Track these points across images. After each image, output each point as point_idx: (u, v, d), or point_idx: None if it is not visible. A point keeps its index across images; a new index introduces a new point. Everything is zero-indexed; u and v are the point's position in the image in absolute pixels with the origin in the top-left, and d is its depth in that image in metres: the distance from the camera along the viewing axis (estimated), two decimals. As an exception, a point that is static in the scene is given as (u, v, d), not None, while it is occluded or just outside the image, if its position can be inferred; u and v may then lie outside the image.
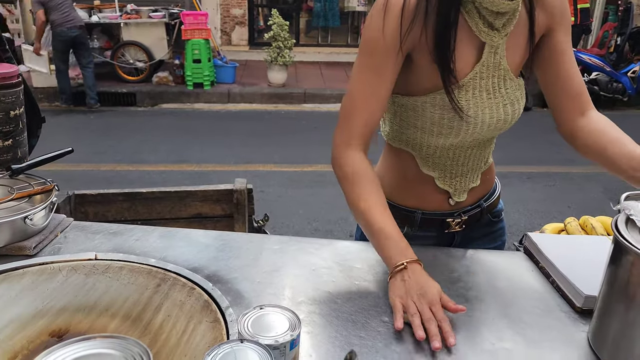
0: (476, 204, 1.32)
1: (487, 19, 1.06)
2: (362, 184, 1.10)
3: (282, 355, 0.76)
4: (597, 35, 9.52)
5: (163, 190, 1.86)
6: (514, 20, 1.08)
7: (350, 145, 1.12)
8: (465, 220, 1.31)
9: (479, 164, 1.28)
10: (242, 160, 5.51)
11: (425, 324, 0.94)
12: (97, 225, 1.31)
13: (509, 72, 1.13)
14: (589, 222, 1.62)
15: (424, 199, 1.29)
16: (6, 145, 1.38)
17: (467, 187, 1.28)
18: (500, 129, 1.19)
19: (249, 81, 8.58)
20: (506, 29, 1.08)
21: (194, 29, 7.74)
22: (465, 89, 1.11)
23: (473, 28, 1.07)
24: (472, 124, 1.13)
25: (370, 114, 1.11)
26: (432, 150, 1.22)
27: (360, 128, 1.12)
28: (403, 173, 1.28)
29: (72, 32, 6.96)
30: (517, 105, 1.17)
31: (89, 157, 5.36)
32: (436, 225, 1.30)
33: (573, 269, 1.11)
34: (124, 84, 8.13)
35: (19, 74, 1.40)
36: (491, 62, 1.11)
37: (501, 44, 1.10)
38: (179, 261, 1.14)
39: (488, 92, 1.13)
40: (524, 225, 4.19)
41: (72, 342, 0.66)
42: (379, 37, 1.06)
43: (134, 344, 0.65)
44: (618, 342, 0.88)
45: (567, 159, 5.93)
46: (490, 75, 1.12)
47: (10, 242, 1.14)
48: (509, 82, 1.14)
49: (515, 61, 1.14)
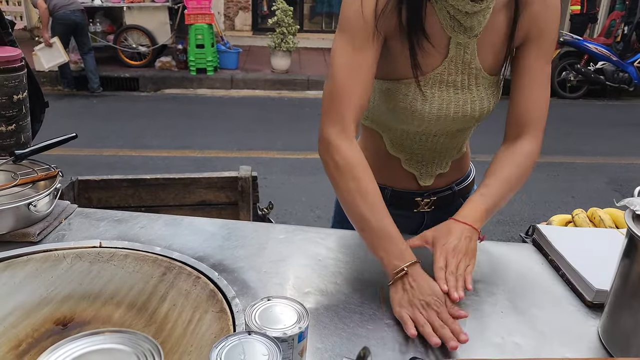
0: (447, 187, 1.34)
1: (455, 17, 1.06)
2: (356, 177, 1.04)
3: (290, 347, 0.75)
4: (604, 24, 9.43)
5: (167, 177, 1.84)
6: (484, 22, 1.07)
7: (341, 131, 1.06)
8: (434, 201, 1.32)
9: (449, 152, 1.29)
10: (245, 147, 5.49)
11: (437, 332, 0.91)
12: (102, 212, 1.30)
13: (481, 71, 1.13)
14: (597, 214, 1.60)
15: (393, 178, 1.31)
16: (9, 130, 1.37)
17: (434, 173, 1.30)
18: (469, 124, 1.20)
19: (252, 67, 8.53)
20: (475, 30, 1.07)
21: (197, 14, 7.68)
22: (432, 82, 1.12)
23: (442, 22, 1.07)
24: (434, 116, 1.14)
25: (357, 96, 1.07)
26: (399, 133, 1.23)
27: (350, 111, 1.06)
28: (373, 151, 1.29)
29: (74, 15, 6.89)
30: (487, 102, 1.17)
31: (92, 141, 5.35)
32: (405, 203, 1.32)
33: (584, 263, 1.10)
34: (127, 69, 8.09)
35: (22, 58, 1.38)
36: (460, 60, 1.11)
37: (471, 43, 1.10)
38: (184, 249, 1.13)
39: (456, 88, 1.13)
40: (528, 215, 4.18)
41: (81, 336, 0.65)
42: (359, 18, 1.04)
43: (144, 340, 0.64)
44: (629, 338, 0.87)
45: (571, 149, 5.91)
46: (459, 72, 1.12)
47: (14, 228, 1.13)
48: (482, 80, 1.14)
49: (489, 62, 1.14)
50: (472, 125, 1.23)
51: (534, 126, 1.16)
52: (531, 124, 1.16)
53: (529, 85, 1.15)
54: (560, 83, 8.20)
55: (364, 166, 1.06)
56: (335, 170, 1.06)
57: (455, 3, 1.03)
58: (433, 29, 1.07)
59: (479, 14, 1.06)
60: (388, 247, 1.00)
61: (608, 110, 7.83)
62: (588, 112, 7.69)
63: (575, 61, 8.09)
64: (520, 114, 1.16)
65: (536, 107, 1.15)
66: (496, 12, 1.09)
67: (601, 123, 7.11)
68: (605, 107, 7.97)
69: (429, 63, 1.10)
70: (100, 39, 8.16)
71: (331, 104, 1.07)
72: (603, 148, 5.93)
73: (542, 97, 1.15)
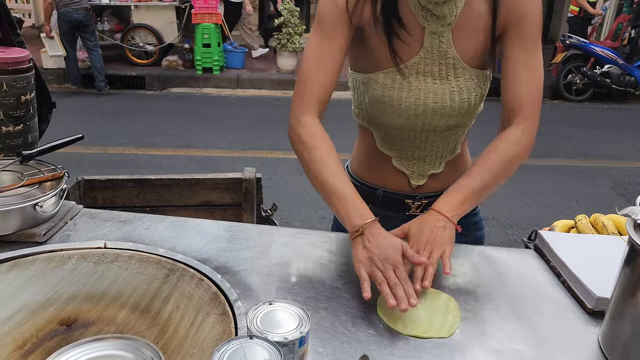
0: (440, 192, 1.29)
1: (427, 7, 1.10)
2: (319, 149, 1.12)
3: (291, 352, 0.75)
4: (611, 28, 9.38)
5: (172, 178, 1.85)
6: (456, 11, 1.10)
7: (306, 112, 1.14)
8: (426, 205, 1.32)
9: (441, 151, 1.29)
10: (250, 147, 5.50)
11: (392, 289, 0.96)
12: (107, 213, 1.31)
13: (459, 61, 1.15)
14: (600, 220, 1.60)
15: (385, 178, 1.33)
16: (17, 130, 1.38)
17: (426, 172, 1.30)
18: (452, 116, 1.20)
19: (258, 67, 8.55)
20: (447, 19, 1.11)
21: (204, 13, 7.71)
22: (409, 72, 1.15)
23: (414, 12, 1.11)
24: (412, 106, 1.16)
25: (322, 81, 1.15)
26: (387, 128, 1.25)
27: (315, 95, 1.15)
28: (366, 150, 1.34)
29: (77, 14, 6.92)
30: (466, 94, 1.18)
31: (98, 139, 5.37)
32: (397, 205, 1.33)
33: (585, 270, 1.10)
34: (134, 67, 8.13)
35: (30, 59, 1.39)
36: (436, 49, 1.14)
37: (445, 32, 1.12)
38: (188, 251, 1.14)
39: (434, 78, 1.15)
40: (531, 219, 4.16)
41: (84, 342, 0.66)
42: (332, 9, 1.12)
43: (145, 346, 0.65)
44: (630, 346, 0.87)
45: (577, 152, 5.89)
46: (435, 62, 1.14)
47: (20, 228, 1.15)
48: (460, 71, 1.16)
49: (468, 52, 1.15)
50: (459, 121, 1.23)
51: (524, 110, 1.15)
52: (520, 109, 1.15)
53: (514, 72, 1.15)
54: (566, 86, 8.17)
55: (324, 137, 1.13)
56: (300, 143, 1.14)
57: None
58: (407, 19, 1.12)
59: (449, 2, 1.09)
60: (348, 207, 1.06)
61: (614, 114, 7.80)
62: (594, 115, 7.67)
63: (581, 64, 8.06)
64: (509, 102, 1.17)
65: (523, 91, 1.15)
66: (471, 1, 1.12)
67: (607, 126, 7.09)
68: (611, 111, 7.94)
69: (406, 53, 1.14)
70: (107, 37, 8.20)
71: (299, 90, 1.16)
72: (608, 151, 5.91)
73: (529, 80, 1.14)
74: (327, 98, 1.17)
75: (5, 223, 1.12)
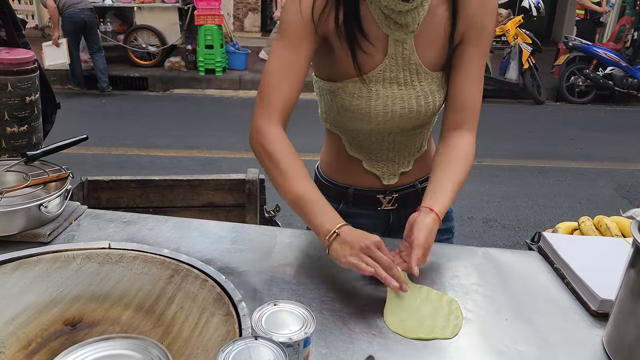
0: (410, 185, 1.35)
1: (390, 16, 1.11)
2: (284, 160, 1.12)
3: (295, 352, 0.76)
4: (614, 30, 9.38)
5: (176, 179, 1.86)
6: (419, 19, 1.12)
7: (270, 121, 1.14)
8: (397, 198, 1.34)
9: (409, 150, 1.31)
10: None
11: (389, 271, 0.99)
12: (111, 213, 1.31)
13: (422, 66, 1.17)
14: (603, 222, 1.60)
15: (356, 179, 1.34)
16: (21, 131, 1.39)
17: (397, 172, 1.33)
18: (418, 119, 1.22)
19: (260, 68, 8.54)
20: (410, 27, 1.12)
21: (207, 15, 7.72)
22: (375, 80, 1.16)
23: (377, 21, 1.12)
24: (381, 113, 1.18)
25: (287, 91, 1.14)
26: (355, 133, 1.27)
27: (278, 105, 1.14)
28: (336, 153, 1.35)
29: (83, 14, 6.94)
30: (431, 97, 1.20)
31: (101, 140, 5.39)
32: (368, 201, 1.35)
33: (589, 272, 1.10)
34: (136, 68, 8.14)
35: (34, 60, 1.40)
36: (400, 56, 1.15)
37: (408, 40, 1.14)
38: (192, 252, 1.15)
39: (399, 85, 1.17)
40: (534, 220, 4.16)
41: (92, 342, 0.66)
42: (296, 19, 1.11)
43: (153, 346, 0.65)
44: (634, 348, 0.87)
45: (579, 154, 5.89)
46: (400, 69, 1.16)
47: (25, 229, 1.15)
48: (423, 76, 1.18)
49: (429, 57, 1.17)
50: (425, 122, 1.25)
51: (474, 118, 1.23)
52: (472, 116, 1.22)
53: (466, 79, 1.20)
54: (568, 88, 8.17)
55: (289, 150, 1.13)
56: (264, 152, 1.14)
57: (387, 3, 1.08)
58: (370, 28, 1.13)
59: (412, 11, 1.10)
60: (318, 214, 1.07)
61: (616, 116, 7.80)
62: (596, 117, 7.66)
63: (584, 66, 8.05)
64: (460, 107, 1.22)
65: (476, 99, 1.21)
66: (433, 9, 1.14)
67: (609, 128, 7.08)
68: (614, 113, 7.94)
69: (371, 61, 1.15)
70: (110, 39, 8.21)
71: (261, 98, 1.16)
72: (611, 153, 5.91)
73: (478, 92, 1.22)
74: (291, 109, 1.17)
75: (10, 223, 1.13)
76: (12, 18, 1.49)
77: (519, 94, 7.88)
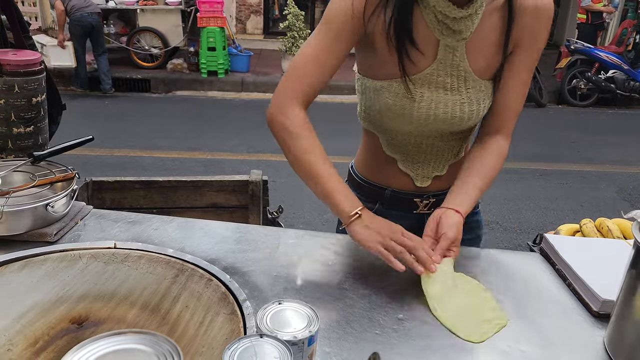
0: (447, 190, 1.34)
1: (444, 22, 1.10)
2: (306, 138, 1.13)
3: (300, 350, 0.76)
4: (616, 33, 9.39)
5: (179, 180, 1.87)
6: (472, 26, 1.11)
7: (293, 103, 1.15)
8: (434, 203, 1.34)
9: (445, 155, 1.31)
10: (254, 150, 5.52)
11: (415, 252, 1.04)
12: (116, 213, 1.32)
13: (471, 73, 1.16)
14: (605, 224, 1.61)
15: (391, 179, 1.34)
16: (28, 132, 1.40)
17: (430, 175, 1.33)
18: (460, 126, 1.22)
19: (262, 70, 8.57)
20: (463, 34, 1.11)
21: (209, 17, 7.75)
22: (421, 82, 1.16)
23: (430, 26, 1.11)
24: (423, 116, 1.18)
25: (315, 78, 1.15)
26: (394, 133, 1.27)
27: (306, 87, 1.15)
28: (372, 152, 1.35)
29: (91, 18, 7.00)
30: (476, 105, 1.20)
31: (103, 141, 5.40)
32: (404, 204, 1.35)
33: (590, 273, 1.11)
34: (139, 70, 8.16)
35: (41, 61, 1.41)
36: (449, 62, 1.15)
37: (459, 46, 1.13)
38: (196, 252, 1.16)
39: (445, 89, 1.17)
40: (536, 223, 4.17)
41: (104, 336, 0.67)
42: (344, 12, 1.11)
43: (164, 341, 0.66)
44: (635, 349, 0.88)
45: (581, 157, 5.89)
46: (448, 74, 1.16)
47: (32, 228, 1.16)
48: (471, 83, 1.17)
49: (479, 65, 1.17)
50: (465, 128, 1.25)
51: (510, 125, 1.25)
52: (509, 123, 1.25)
53: (512, 90, 1.21)
54: (570, 91, 8.17)
55: (312, 131, 1.15)
56: (284, 131, 1.15)
57: (442, 9, 1.08)
58: (421, 32, 1.12)
59: (466, 18, 1.10)
60: (339, 195, 1.11)
61: (618, 119, 7.80)
62: (598, 120, 7.67)
63: (585, 69, 8.06)
64: (501, 111, 1.24)
65: (517, 107, 1.24)
66: (487, 17, 1.13)
67: (611, 131, 7.09)
68: (616, 116, 7.94)
69: (419, 64, 1.14)
70: (113, 41, 8.24)
71: (291, 76, 1.16)
72: (613, 156, 5.91)
73: (522, 99, 1.24)
74: (314, 96, 1.17)
75: (17, 223, 1.14)
76: (19, 20, 1.51)
77: (520, 97, 7.88)
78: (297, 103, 1.15)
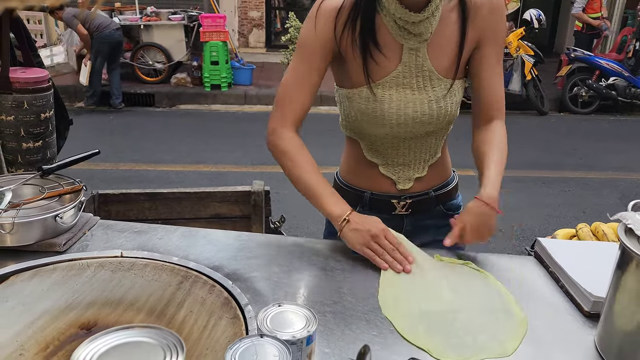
0: (424, 192, 1.42)
1: (404, 27, 1.20)
2: (300, 157, 1.28)
3: (299, 350, 0.80)
4: (616, 40, 9.42)
5: (183, 191, 1.91)
6: (431, 28, 1.20)
7: (285, 127, 1.29)
8: (410, 204, 1.41)
9: (423, 155, 1.38)
10: (258, 162, 5.56)
11: (392, 254, 1.19)
12: (122, 224, 1.36)
13: (434, 72, 1.25)
14: (600, 228, 1.63)
15: (372, 183, 1.42)
16: (36, 147, 1.45)
17: (412, 177, 1.40)
18: (432, 124, 1.30)
19: (265, 83, 8.64)
20: (424, 35, 1.21)
21: (212, 31, 7.83)
22: (389, 85, 1.25)
23: (392, 32, 1.21)
24: (394, 116, 1.27)
25: (299, 102, 1.29)
26: (372, 138, 1.35)
27: (292, 113, 1.29)
28: (354, 158, 1.44)
29: (117, 34, 7.16)
30: (443, 102, 1.28)
31: (109, 156, 5.45)
32: (384, 206, 1.42)
33: (582, 274, 1.13)
34: (143, 85, 8.24)
35: (49, 78, 1.46)
36: (413, 63, 1.24)
37: (422, 48, 1.22)
38: (200, 259, 1.19)
39: (412, 89, 1.26)
40: (538, 230, 4.18)
41: (113, 330, 0.71)
42: (311, 36, 1.25)
43: (168, 334, 0.70)
44: (623, 346, 0.91)
45: (583, 164, 5.90)
46: (413, 75, 1.25)
47: (42, 239, 1.20)
48: (436, 82, 1.26)
49: (441, 64, 1.26)
50: (438, 129, 1.32)
51: (501, 109, 1.35)
52: (499, 109, 1.35)
53: (490, 78, 1.30)
54: (571, 98, 8.19)
55: (303, 149, 1.30)
56: (281, 152, 1.30)
57: (400, 15, 1.17)
58: (386, 38, 1.22)
59: (424, 21, 1.19)
60: (330, 202, 1.26)
61: (620, 126, 7.80)
62: (600, 128, 7.67)
63: (586, 77, 8.08)
64: (488, 103, 1.33)
65: (499, 94, 1.34)
66: (445, 17, 1.22)
67: (613, 138, 7.09)
68: (617, 123, 7.95)
69: (385, 68, 1.24)
70: (117, 56, 8.32)
71: (277, 107, 1.31)
72: (615, 163, 5.92)
73: (501, 84, 1.33)
74: (303, 115, 1.30)
75: (27, 234, 1.18)
76: (27, 38, 1.56)
77: (522, 106, 7.91)
78: (288, 125, 1.29)
